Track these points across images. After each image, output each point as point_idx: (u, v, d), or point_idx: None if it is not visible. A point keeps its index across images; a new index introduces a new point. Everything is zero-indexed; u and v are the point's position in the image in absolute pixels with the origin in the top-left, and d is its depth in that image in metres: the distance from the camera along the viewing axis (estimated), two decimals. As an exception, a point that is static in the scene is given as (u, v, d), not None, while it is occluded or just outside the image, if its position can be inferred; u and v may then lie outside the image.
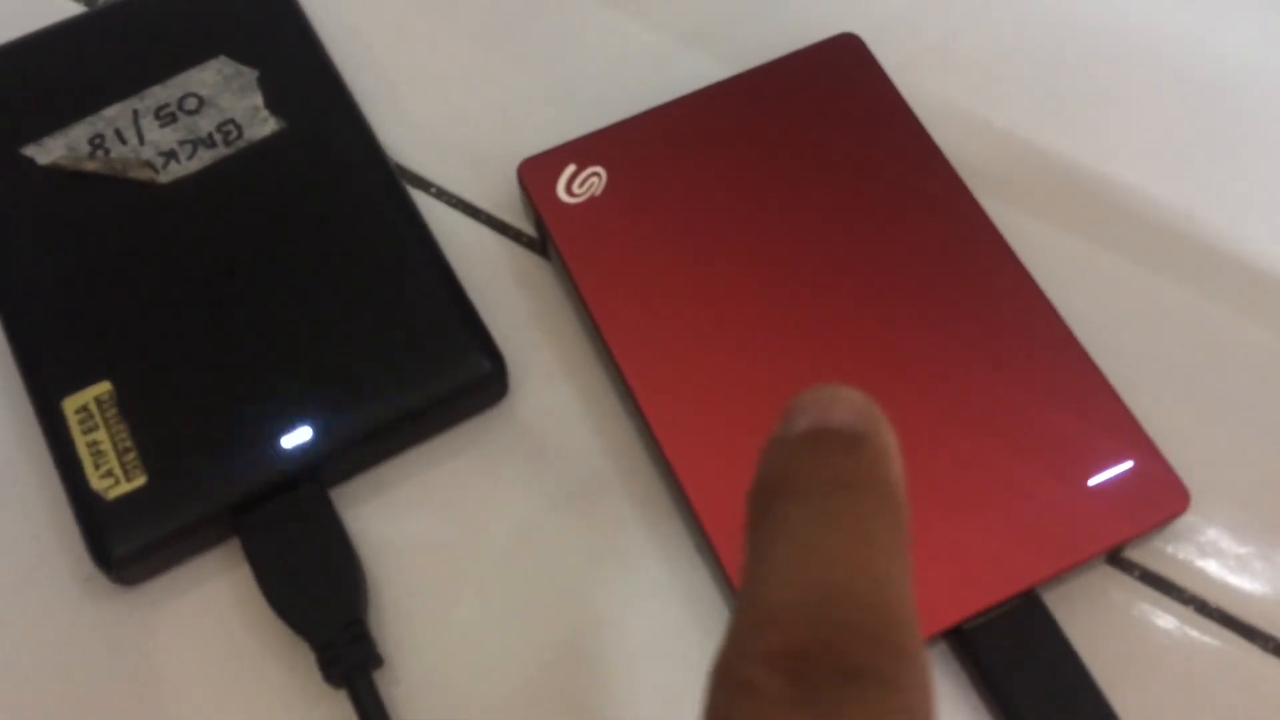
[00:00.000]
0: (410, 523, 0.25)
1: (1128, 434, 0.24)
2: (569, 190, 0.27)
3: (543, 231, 0.27)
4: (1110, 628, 0.24)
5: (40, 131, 0.27)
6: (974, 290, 0.25)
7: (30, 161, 0.27)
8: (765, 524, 0.14)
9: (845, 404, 0.15)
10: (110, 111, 0.27)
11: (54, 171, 0.27)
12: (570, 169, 0.27)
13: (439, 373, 0.25)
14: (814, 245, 0.26)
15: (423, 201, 0.28)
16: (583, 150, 0.27)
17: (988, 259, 0.26)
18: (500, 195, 0.29)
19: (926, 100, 0.29)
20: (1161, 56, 0.30)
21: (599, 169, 0.27)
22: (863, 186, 0.27)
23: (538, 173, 0.27)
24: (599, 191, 0.27)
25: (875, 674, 0.13)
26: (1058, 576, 0.23)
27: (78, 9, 0.31)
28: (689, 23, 0.31)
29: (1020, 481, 0.23)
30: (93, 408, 0.24)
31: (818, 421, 0.15)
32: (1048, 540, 0.23)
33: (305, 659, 0.23)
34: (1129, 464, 0.24)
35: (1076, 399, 0.24)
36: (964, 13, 0.31)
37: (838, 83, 0.28)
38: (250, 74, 0.28)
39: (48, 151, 0.27)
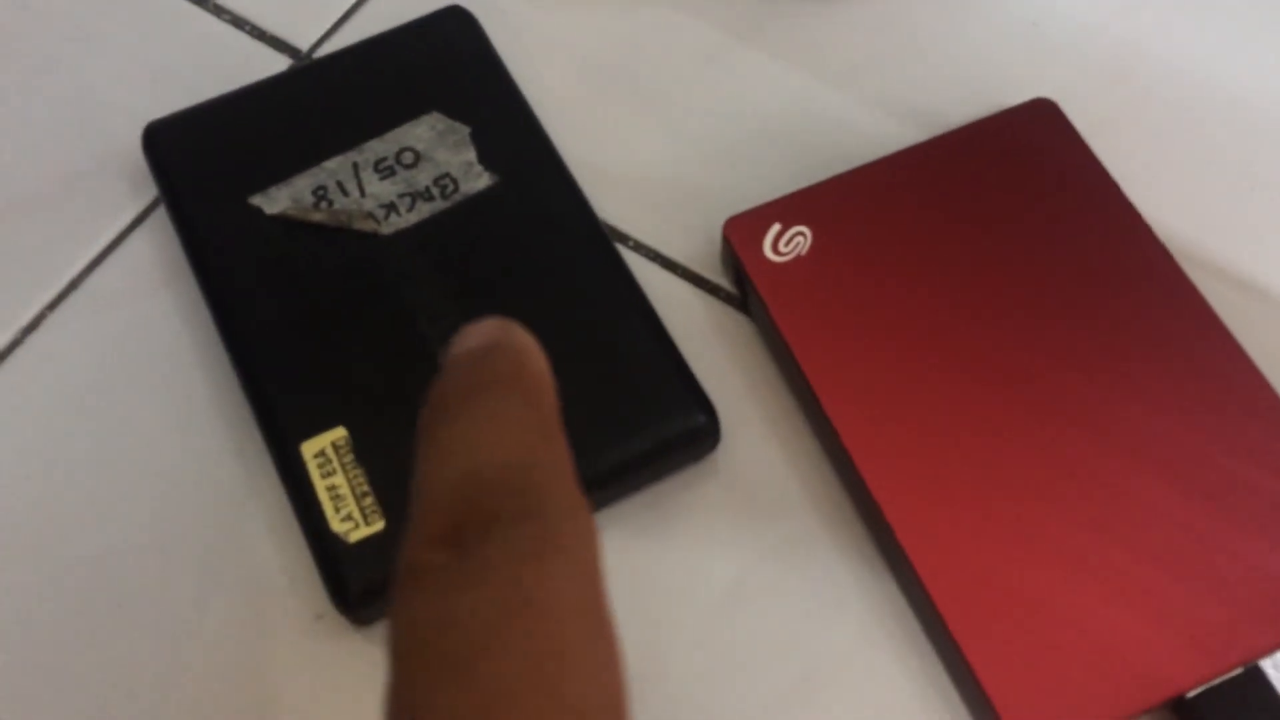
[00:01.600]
0: (624, 570, 0.26)
1: (1337, 504, 0.24)
2: (775, 249, 0.27)
3: (746, 288, 0.28)
4: (1318, 696, 0.24)
5: (265, 182, 0.28)
6: (1183, 357, 0.26)
7: (259, 211, 0.28)
8: (424, 440, 0.16)
9: (478, 330, 0.17)
10: (331, 164, 0.29)
11: (280, 221, 0.28)
12: (776, 227, 0.28)
13: (656, 424, 0.26)
14: (1018, 308, 0.26)
15: (622, 254, 0.29)
16: (788, 209, 0.28)
17: (1194, 325, 0.26)
18: (695, 250, 0.29)
19: (1119, 165, 0.29)
20: (1350, 125, 0.30)
21: (804, 228, 0.28)
22: (1064, 249, 0.27)
23: (744, 231, 0.28)
24: (804, 250, 0.27)
25: (511, 514, 0.15)
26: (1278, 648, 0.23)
27: (284, 63, 0.32)
28: (876, 85, 0.31)
29: (1239, 552, 0.24)
30: (330, 452, 0.25)
31: (460, 348, 0.17)
32: (1269, 612, 0.23)
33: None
34: (1346, 535, 0.24)
35: (1282, 467, 0.25)
36: (1154, 76, 0.31)
37: (1036, 146, 0.28)
38: (463, 130, 0.29)
39: (274, 202, 0.28)
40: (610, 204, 0.30)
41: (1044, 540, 0.24)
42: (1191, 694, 0.23)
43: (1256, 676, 0.23)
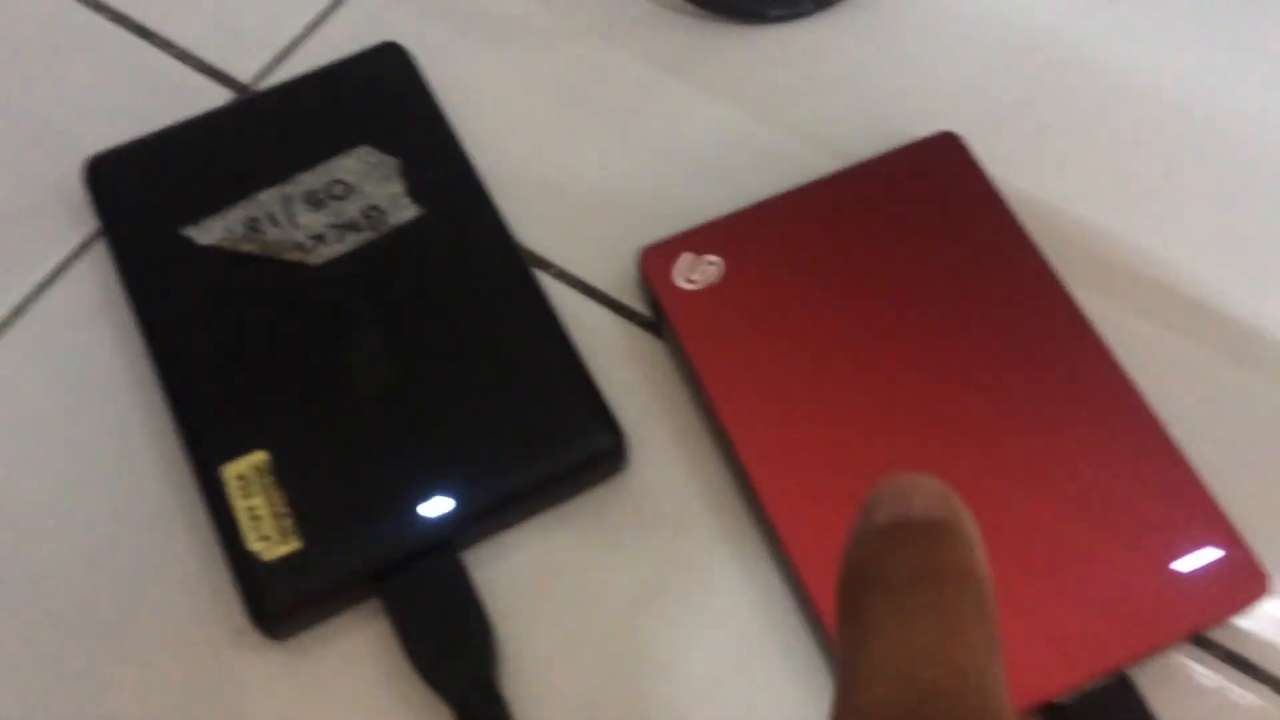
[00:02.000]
0: (535, 585, 0.27)
1: (1212, 520, 0.26)
2: (687, 277, 0.29)
3: (659, 314, 0.29)
4: (1193, 706, 0.25)
5: (199, 214, 0.30)
6: (1065, 379, 0.27)
7: (190, 242, 0.29)
8: (855, 619, 0.15)
9: (925, 494, 0.15)
10: (264, 196, 0.30)
11: (212, 252, 0.29)
12: (688, 257, 0.29)
13: (565, 446, 0.27)
14: (916, 333, 0.28)
15: (543, 281, 0.30)
16: (700, 239, 0.29)
17: (1078, 348, 0.27)
18: (616, 276, 0.31)
19: (1020, 193, 0.31)
20: (1260, 156, 0.31)
21: (716, 258, 0.29)
22: (960, 278, 0.28)
23: (658, 259, 0.29)
24: (716, 279, 0.29)
25: None
26: (1145, 656, 0.25)
27: (226, 96, 0.33)
28: (794, 117, 0.32)
29: (1111, 564, 0.25)
30: (250, 475, 0.26)
31: (899, 512, 0.15)
32: (1137, 622, 0.25)
33: (438, 714, 0.25)
34: (1213, 551, 0.25)
35: (1164, 485, 0.26)
36: (1056, 108, 0.32)
37: (938, 179, 0.30)
38: (392, 162, 0.30)
39: (206, 233, 0.29)
40: (536, 232, 0.31)
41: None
42: (1062, 700, 0.24)
43: (1124, 684, 0.24)
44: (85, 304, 0.30)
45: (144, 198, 0.30)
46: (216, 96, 0.33)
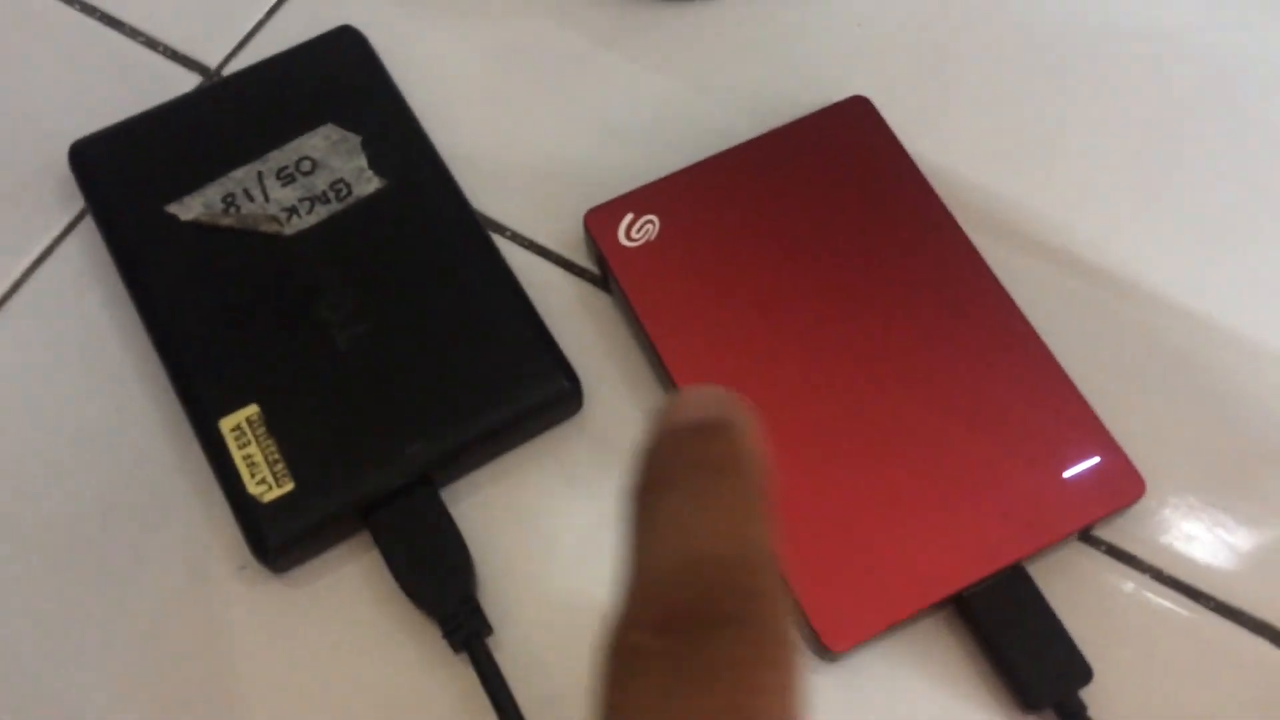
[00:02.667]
0: (505, 514, 0.30)
1: (1095, 433, 0.29)
2: (628, 235, 0.32)
3: (605, 271, 0.32)
4: (1082, 593, 0.29)
5: (180, 192, 0.32)
6: (966, 314, 0.31)
7: (174, 218, 0.32)
8: (642, 512, 0.16)
9: (701, 400, 0.17)
10: (238, 174, 0.32)
11: (195, 226, 0.32)
12: (629, 217, 0.32)
13: (526, 391, 0.30)
14: (833, 278, 0.31)
15: (499, 243, 0.33)
16: (638, 201, 0.32)
17: (976, 287, 0.31)
18: (564, 236, 0.34)
19: (926, 149, 0.34)
20: (1130, 110, 0.35)
21: (653, 217, 0.32)
22: (871, 227, 0.32)
23: (601, 221, 0.32)
24: (653, 236, 0.32)
25: (735, 617, 0.15)
26: (1040, 552, 0.28)
27: (194, 80, 0.36)
28: (719, 86, 0.36)
29: (1007, 472, 0.29)
30: (245, 427, 0.29)
31: (678, 418, 0.17)
32: (1031, 522, 0.28)
33: (425, 630, 0.29)
34: (1096, 459, 0.29)
35: (1052, 403, 0.30)
36: (956, 71, 0.36)
37: (850, 140, 0.33)
38: (354, 139, 0.33)
39: (188, 209, 0.32)
40: (489, 199, 0.34)
41: (846, 469, 0.29)
42: (968, 591, 0.28)
43: (1021, 575, 0.28)
44: (77, 277, 0.33)
45: (127, 178, 0.33)
46: (185, 82, 0.36)
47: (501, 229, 0.34)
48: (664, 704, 0.14)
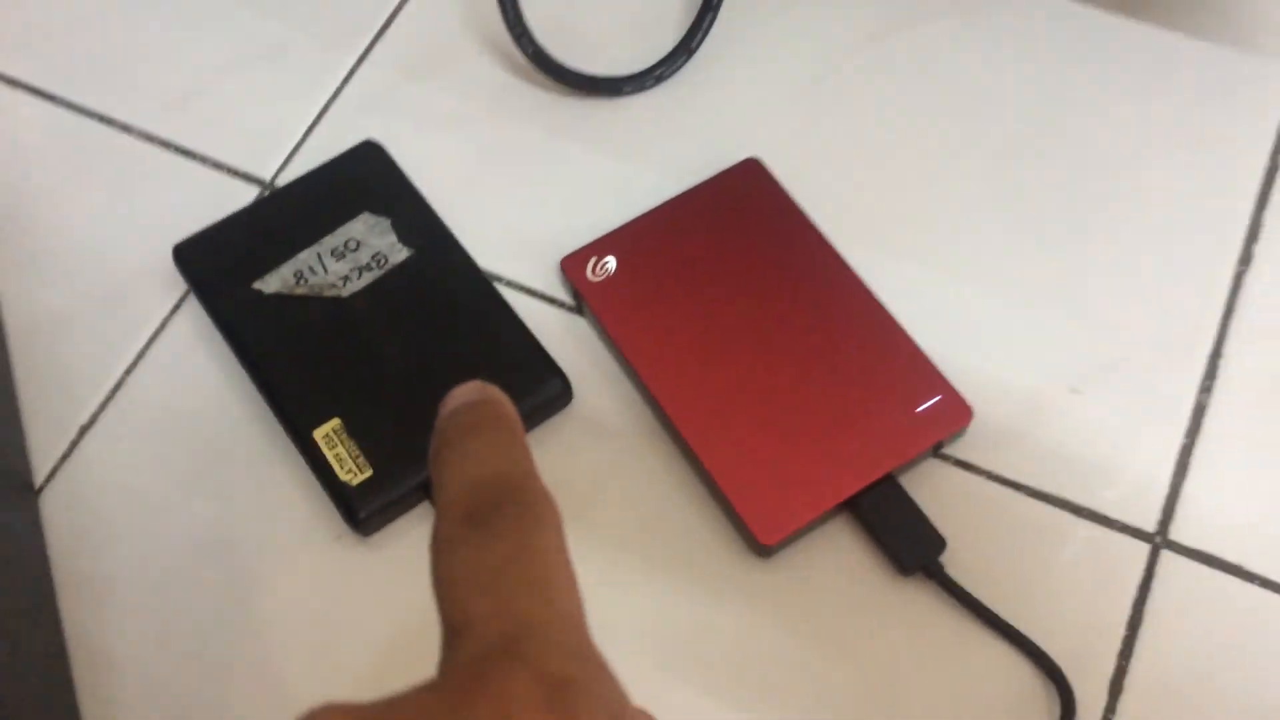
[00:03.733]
0: (524, 483, 0.42)
1: (936, 380, 0.41)
2: (593, 273, 0.44)
3: (579, 300, 0.44)
4: (938, 493, 0.41)
5: (261, 272, 0.44)
6: (838, 305, 0.43)
7: (259, 292, 0.43)
8: (440, 464, 0.24)
9: (464, 390, 0.25)
10: (303, 255, 0.44)
11: (276, 296, 0.43)
12: (593, 259, 0.44)
13: (534, 392, 0.42)
14: (744, 292, 0.43)
15: (499, 288, 0.45)
16: (599, 248, 0.44)
17: (845, 287, 0.43)
18: (546, 280, 0.46)
19: (806, 193, 0.46)
20: (952, 149, 0.48)
21: (611, 258, 0.44)
22: (767, 253, 0.44)
23: (573, 264, 0.44)
24: (612, 272, 0.44)
25: (511, 502, 0.22)
26: (905, 465, 0.40)
27: (254, 190, 0.48)
28: (650, 157, 0.48)
29: (879, 411, 0.41)
30: (332, 434, 0.41)
31: (451, 405, 0.25)
32: (899, 445, 0.40)
33: (477, 565, 0.40)
34: (938, 397, 0.41)
35: (906, 363, 0.42)
36: (838, 130, 0.48)
37: (747, 190, 0.45)
38: (385, 221, 0.45)
39: (269, 285, 0.44)
40: (488, 257, 0.46)
41: (765, 413, 0.41)
42: (855, 497, 0.40)
43: (891, 480, 0.40)
44: (187, 342, 0.44)
45: (220, 266, 0.44)
46: (247, 193, 0.48)
47: (499, 278, 0.46)
48: (475, 562, 0.21)
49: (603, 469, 0.42)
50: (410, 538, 0.41)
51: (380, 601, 0.40)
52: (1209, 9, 0.50)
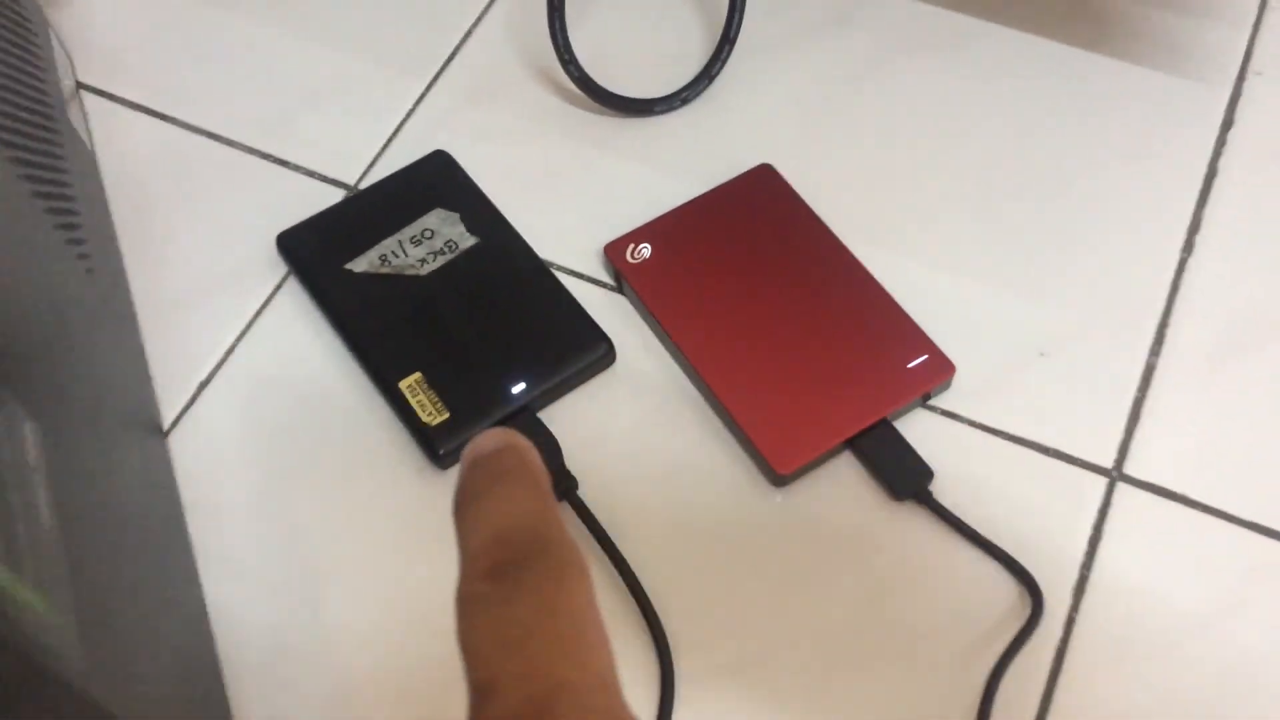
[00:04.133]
0: (576, 424, 0.49)
1: (924, 342, 0.49)
2: (632, 257, 0.52)
3: (620, 280, 0.52)
4: (928, 436, 0.48)
5: (351, 256, 0.52)
6: (844, 285, 0.51)
7: (351, 271, 0.51)
8: (464, 514, 0.23)
9: (489, 438, 0.24)
10: (386, 242, 0.52)
11: (365, 275, 0.51)
12: (631, 246, 0.52)
13: (583, 352, 0.49)
14: (761, 272, 0.51)
15: (554, 271, 0.53)
16: (637, 236, 0.52)
17: (850, 271, 0.51)
18: (591, 264, 0.53)
19: (812, 193, 0.55)
20: (942, 165, 0.56)
21: (647, 244, 0.52)
22: (780, 239, 0.52)
23: (615, 250, 0.52)
24: (648, 256, 0.52)
25: (536, 555, 0.21)
26: (899, 411, 0.48)
27: (341, 193, 0.56)
28: (679, 164, 0.56)
29: (877, 367, 0.48)
30: (415, 384, 0.48)
31: (475, 453, 0.24)
32: (893, 394, 0.48)
33: (537, 495, 0.47)
34: (925, 356, 0.49)
35: (899, 330, 0.49)
36: (839, 141, 0.56)
37: (762, 189, 0.53)
38: (454, 215, 0.53)
39: (358, 265, 0.52)
40: (543, 245, 0.54)
41: (784, 365, 0.48)
42: (857, 436, 0.47)
43: (886, 423, 0.48)
44: (289, 314, 0.52)
45: (317, 252, 0.52)
46: (335, 194, 0.56)
47: (551, 263, 0.54)
48: (501, 619, 0.20)
49: (642, 419, 0.49)
50: (479, 473, 0.48)
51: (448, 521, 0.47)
52: (1156, 44, 0.59)
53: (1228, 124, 0.56)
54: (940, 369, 0.49)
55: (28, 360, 0.36)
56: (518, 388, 0.48)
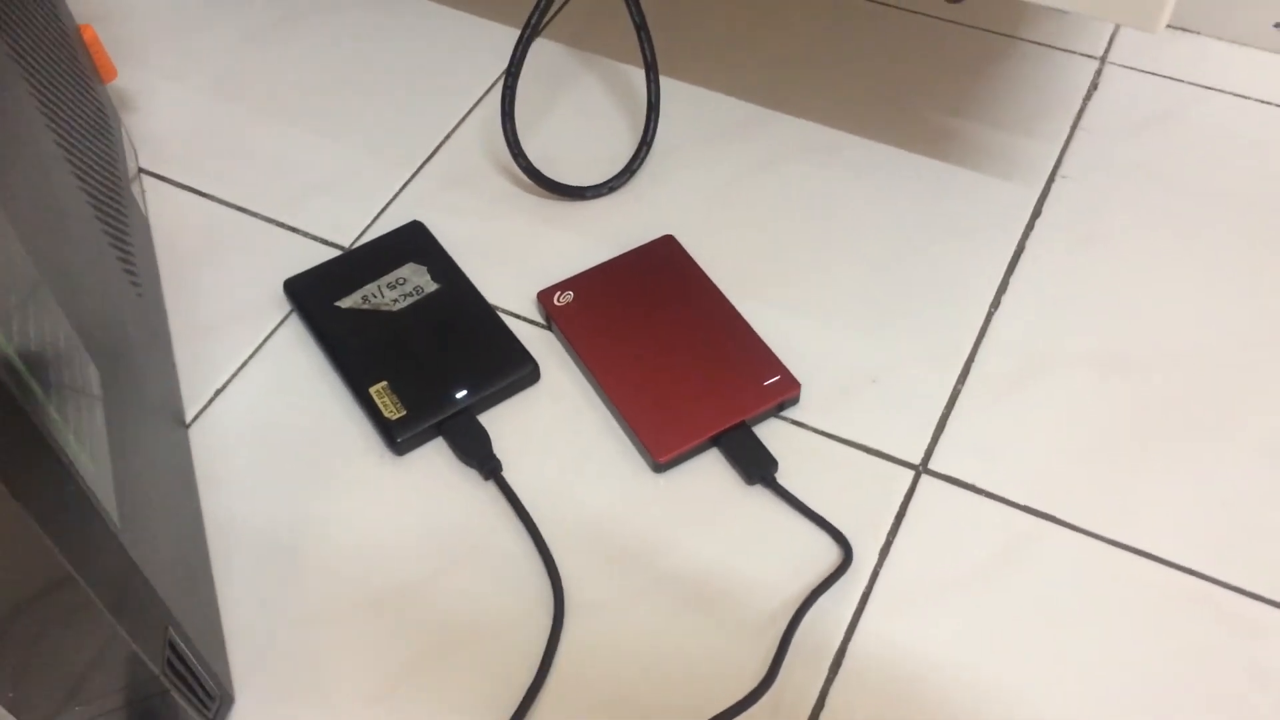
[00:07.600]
0: (507, 430, 0.63)
1: (778, 366, 0.63)
2: (558, 300, 0.67)
3: (549, 319, 0.67)
4: (778, 440, 0.62)
5: (340, 296, 0.67)
6: (718, 322, 0.65)
7: (339, 307, 0.66)
8: None
9: None
10: (368, 287, 0.67)
11: (351, 310, 0.66)
12: (559, 293, 0.67)
13: (514, 369, 0.64)
14: (657, 316, 0.66)
15: (498, 312, 0.68)
16: (563, 286, 0.67)
17: (723, 311, 0.66)
18: (526, 306, 0.68)
19: (704, 257, 0.69)
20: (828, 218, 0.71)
21: (570, 291, 0.67)
22: (673, 290, 0.67)
23: (545, 295, 0.67)
24: (571, 301, 0.67)
25: None
26: (755, 417, 0.62)
27: (335, 251, 0.71)
28: (605, 234, 0.71)
29: (741, 384, 0.62)
30: (381, 390, 0.63)
31: None
32: (750, 402, 0.62)
33: (469, 473, 0.61)
34: (777, 376, 0.63)
35: (756, 355, 0.64)
36: (728, 220, 0.72)
37: (664, 255, 0.68)
38: (423, 268, 0.68)
39: (345, 303, 0.66)
40: (490, 292, 0.69)
41: (662, 382, 0.62)
42: (720, 434, 0.61)
43: (745, 426, 0.61)
44: (290, 340, 0.67)
45: (314, 293, 0.67)
46: (333, 252, 0.71)
47: (498, 306, 0.68)
48: None
49: (557, 422, 0.63)
50: (428, 461, 0.62)
51: (408, 500, 0.61)
52: (987, 154, 0.74)
53: (1037, 213, 0.71)
54: (789, 385, 0.63)
55: (101, 341, 0.50)
56: (460, 394, 0.63)
